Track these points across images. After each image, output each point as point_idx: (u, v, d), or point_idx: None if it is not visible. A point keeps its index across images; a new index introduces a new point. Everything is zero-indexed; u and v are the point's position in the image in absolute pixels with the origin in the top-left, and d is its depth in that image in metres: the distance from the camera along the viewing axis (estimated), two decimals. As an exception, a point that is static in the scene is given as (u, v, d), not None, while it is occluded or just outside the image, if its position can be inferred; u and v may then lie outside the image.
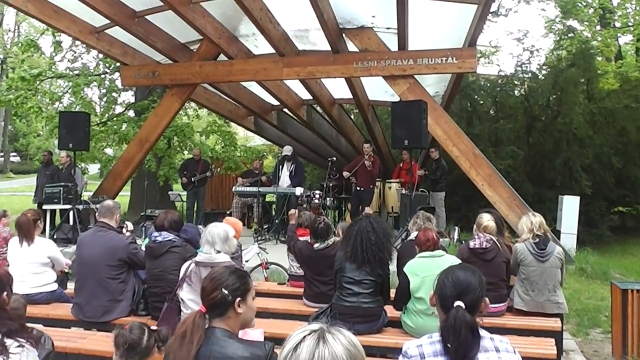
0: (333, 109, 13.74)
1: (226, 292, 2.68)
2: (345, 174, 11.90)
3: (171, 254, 4.96)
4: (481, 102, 17.42)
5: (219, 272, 2.79)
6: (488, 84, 17.35)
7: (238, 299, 2.70)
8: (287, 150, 12.39)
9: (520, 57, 17.09)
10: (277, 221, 11.70)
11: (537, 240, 5.52)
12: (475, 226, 5.72)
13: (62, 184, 11.21)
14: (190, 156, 14.55)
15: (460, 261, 4.77)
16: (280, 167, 12.37)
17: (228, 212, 14.27)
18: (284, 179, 12.26)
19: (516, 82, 17.24)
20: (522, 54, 17.16)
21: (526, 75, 17.04)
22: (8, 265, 5.57)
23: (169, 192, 14.04)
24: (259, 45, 11.32)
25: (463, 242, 8.35)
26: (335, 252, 5.14)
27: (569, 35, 15.93)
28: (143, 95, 16.80)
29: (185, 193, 13.74)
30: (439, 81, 12.18)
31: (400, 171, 13.15)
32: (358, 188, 11.96)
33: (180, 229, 5.23)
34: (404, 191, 11.17)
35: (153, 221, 7.00)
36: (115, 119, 16.96)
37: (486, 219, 5.63)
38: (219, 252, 4.39)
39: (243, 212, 13.90)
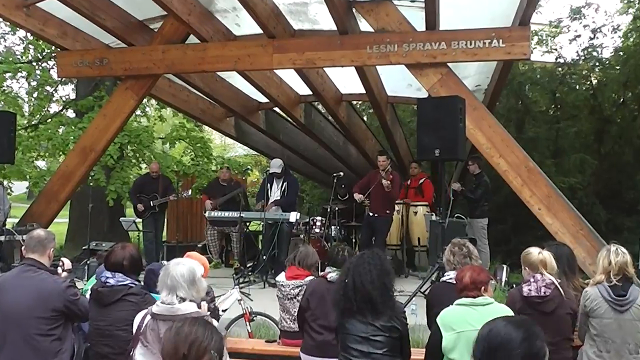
0: (340, 108, 13.74)
1: (216, 354, 2.74)
2: (358, 197, 11.77)
3: (125, 304, 4.93)
4: (536, 98, 17.43)
5: (192, 329, 2.79)
6: (545, 76, 17.37)
7: None
8: (276, 165, 12.35)
9: (590, 40, 17.12)
10: (264, 257, 11.66)
11: (615, 283, 5.47)
12: (525, 266, 5.66)
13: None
14: (147, 171, 14.57)
15: (512, 314, 4.72)
16: (269, 186, 12.35)
17: (199, 245, 14.24)
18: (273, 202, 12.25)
19: (584, 72, 17.23)
20: (591, 36, 17.22)
21: (592, 64, 17.04)
22: None
23: (121, 219, 13.99)
24: (242, 23, 11.34)
25: (514, 285, 8.28)
26: None
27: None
28: (87, 89, 16.80)
29: (141, 220, 13.71)
30: (480, 71, 12.18)
31: (407, 190, 13.11)
32: (371, 214, 11.91)
33: (140, 270, 5.21)
34: (434, 217, 11.11)
35: (100, 257, 6.94)
36: (49, 120, 16.97)
37: (535, 253, 5.56)
38: (183, 299, 4.33)
39: (221, 245, 13.84)
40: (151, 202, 13.27)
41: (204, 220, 15.94)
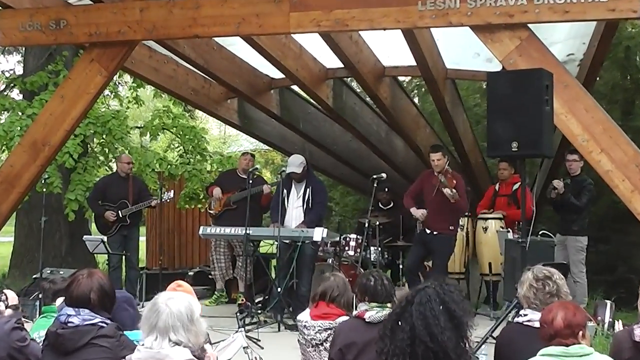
0: (381, 86, 13.72)
1: None
2: (419, 213, 11.65)
3: (94, 350, 4.94)
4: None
5: None
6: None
7: None
8: (295, 163, 12.36)
9: None
10: (279, 290, 11.62)
11: None
12: (640, 302, 5.65)
13: None
14: (114, 170, 14.64)
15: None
16: (286, 193, 12.39)
17: (191, 273, 14.26)
18: (293, 215, 12.31)
19: None
20: None
21: None
22: None
23: (85, 238, 14.08)
24: (248, -28, 11.38)
25: (621, 326, 8.25)
26: None
27: None
28: (38, 62, 16.91)
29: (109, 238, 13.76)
30: (573, 35, 12.13)
31: (494, 198, 13.01)
32: (427, 231, 11.82)
33: (113, 304, 5.22)
34: (511, 235, 11.05)
35: (47, 290, 6.99)
36: (-11, 104, 17.13)
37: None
38: (177, 344, 4.35)
39: (229, 269, 13.81)
40: (119, 212, 13.31)
41: (196, 240, 16.04)
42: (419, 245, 12.00)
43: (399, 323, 4.50)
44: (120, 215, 13.36)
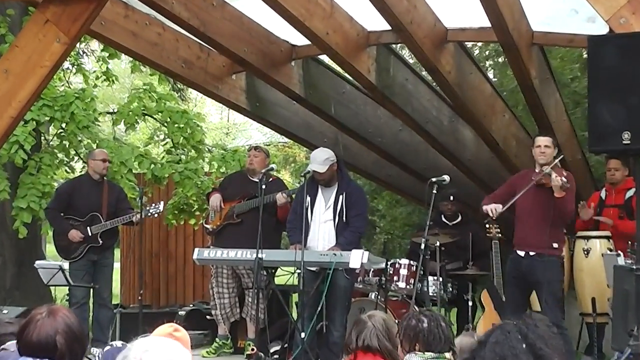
0: (442, 55, 13.71)
1: None
2: (490, 206, 11.34)
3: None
4: None
5: None
6: None
7: None
8: (318, 159, 12.31)
9: None
10: (302, 335, 11.60)
11: None
12: None
13: None
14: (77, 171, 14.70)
15: None
16: (309, 201, 12.37)
17: (181, 313, 14.30)
18: (319, 232, 12.31)
19: None
20: None
21: None
22: None
23: (38, 264, 14.14)
24: None
25: None
26: None
27: None
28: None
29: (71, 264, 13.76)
30: None
31: (600, 209, 12.86)
32: (521, 253, 11.52)
33: (84, 351, 5.26)
34: (622, 260, 11.00)
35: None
36: None
37: None
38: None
39: (234, 307, 13.83)
40: (88, 229, 13.28)
41: (190, 267, 16.09)
42: (515, 277, 11.61)
43: None
44: (90, 234, 13.26)
